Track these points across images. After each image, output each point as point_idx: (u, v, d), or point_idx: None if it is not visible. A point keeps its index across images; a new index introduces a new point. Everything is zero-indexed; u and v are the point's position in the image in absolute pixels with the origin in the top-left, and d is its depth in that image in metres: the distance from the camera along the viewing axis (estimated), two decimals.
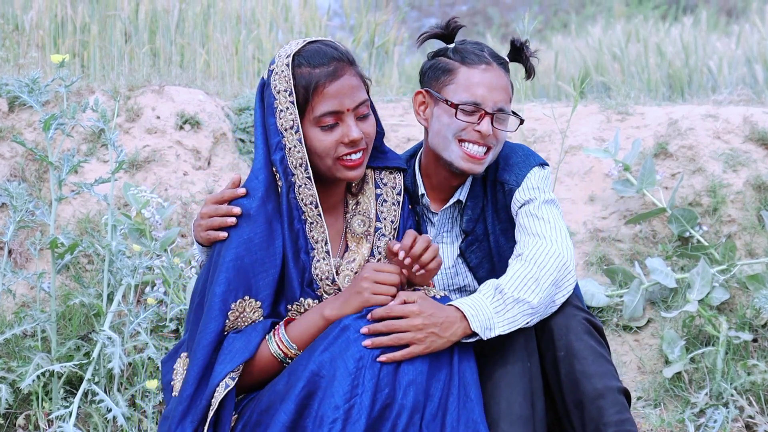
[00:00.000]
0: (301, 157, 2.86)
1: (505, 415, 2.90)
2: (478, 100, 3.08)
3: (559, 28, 15.41)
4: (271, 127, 2.89)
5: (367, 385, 2.69)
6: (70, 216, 4.70)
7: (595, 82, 8.26)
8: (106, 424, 3.87)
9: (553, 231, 3.05)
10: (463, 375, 2.82)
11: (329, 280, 2.93)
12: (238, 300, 2.84)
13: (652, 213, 4.81)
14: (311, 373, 2.72)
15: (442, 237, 3.25)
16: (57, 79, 3.89)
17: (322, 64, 2.84)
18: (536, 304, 2.92)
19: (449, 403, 2.78)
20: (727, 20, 13.54)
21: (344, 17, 8.45)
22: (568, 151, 5.23)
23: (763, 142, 5.11)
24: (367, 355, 2.71)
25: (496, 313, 2.89)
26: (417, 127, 5.45)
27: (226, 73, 6.76)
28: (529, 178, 3.15)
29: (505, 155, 3.21)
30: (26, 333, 4.06)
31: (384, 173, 3.09)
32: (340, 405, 2.67)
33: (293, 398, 2.72)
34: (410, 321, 2.81)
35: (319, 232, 2.93)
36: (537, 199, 3.12)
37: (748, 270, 4.59)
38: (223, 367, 2.80)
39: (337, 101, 2.84)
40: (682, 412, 4.18)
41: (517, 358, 2.96)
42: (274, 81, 2.87)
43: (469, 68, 3.11)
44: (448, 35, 3.20)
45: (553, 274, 2.95)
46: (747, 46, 8.36)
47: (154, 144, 5.03)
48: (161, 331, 4.12)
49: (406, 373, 2.74)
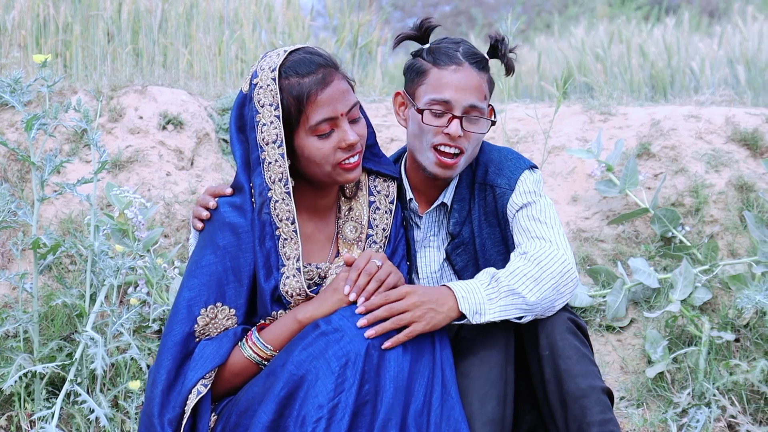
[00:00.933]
0: (282, 171, 2.84)
1: (477, 415, 2.90)
2: (446, 101, 3.06)
3: (542, 28, 15.44)
4: (252, 141, 2.87)
5: (351, 382, 2.68)
6: (52, 216, 4.68)
7: (578, 83, 8.27)
8: (88, 425, 3.86)
9: (557, 235, 3.04)
10: (444, 372, 2.82)
11: (300, 296, 2.91)
12: (208, 306, 2.84)
13: (634, 213, 4.82)
14: (290, 373, 2.71)
15: (429, 241, 3.24)
16: (39, 79, 3.87)
17: (310, 73, 2.83)
18: (532, 301, 2.91)
19: (433, 400, 2.78)
20: (710, 21, 13.59)
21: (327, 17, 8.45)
22: (551, 152, 5.24)
23: (746, 142, 5.13)
24: (351, 355, 2.70)
25: (488, 300, 2.89)
26: (400, 128, 5.45)
27: (209, 73, 6.74)
28: (523, 182, 3.14)
29: (494, 159, 3.20)
30: (8, 333, 4.04)
31: (377, 181, 3.08)
32: (324, 404, 2.66)
33: (273, 398, 2.70)
34: (407, 300, 2.82)
35: (293, 249, 2.91)
36: (536, 203, 3.11)
37: (731, 270, 4.60)
38: (195, 373, 2.80)
39: (331, 108, 2.83)
40: (664, 411, 4.19)
41: (495, 362, 2.96)
42: (258, 95, 2.85)
43: (439, 69, 3.08)
44: (421, 36, 3.19)
45: (555, 278, 2.94)
46: (729, 47, 8.39)
47: (136, 144, 5.02)
48: (144, 332, 4.11)
49: (388, 369, 2.73)
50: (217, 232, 2.87)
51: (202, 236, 2.90)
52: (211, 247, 2.86)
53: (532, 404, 3.07)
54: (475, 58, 3.11)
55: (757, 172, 5.00)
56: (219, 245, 2.85)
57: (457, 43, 3.14)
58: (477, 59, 3.11)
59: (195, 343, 2.84)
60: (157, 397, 2.79)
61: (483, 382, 2.93)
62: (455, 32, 16.52)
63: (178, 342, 2.82)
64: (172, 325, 2.84)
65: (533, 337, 3.00)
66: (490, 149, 3.23)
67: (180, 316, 2.84)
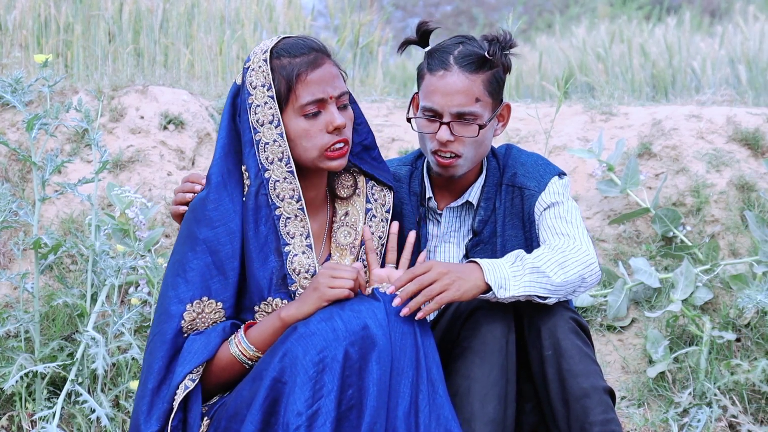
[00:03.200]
0: (282, 150, 2.84)
1: (478, 416, 2.90)
2: (434, 107, 3.06)
3: (543, 28, 15.44)
4: (244, 125, 2.87)
5: (329, 387, 2.64)
6: (53, 216, 4.68)
7: (579, 83, 8.27)
8: (89, 425, 3.86)
9: (582, 235, 3.06)
10: (430, 371, 2.78)
11: (309, 273, 2.89)
12: (194, 301, 2.83)
13: (635, 213, 4.82)
14: (272, 380, 2.68)
15: (450, 236, 3.24)
16: (40, 79, 3.88)
17: (302, 53, 2.84)
18: (557, 282, 2.92)
19: (419, 400, 2.73)
20: (711, 21, 13.59)
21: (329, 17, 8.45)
22: (552, 152, 5.24)
23: (747, 142, 5.13)
24: (327, 360, 2.66)
25: (513, 276, 2.89)
26: (402, 127, 5.45)
27: (210, 73, 6.74)
28: (553, 184, 3.17)
29: (524, 162, 3.22)
30: (9, 333, 4.04)
31: (375, 188, 3.08)
32: (302, 411, 2.63)
33: (258, 407, 2.68)
34: (434, 271, 2.82)
35: (298, 227, 2.90)
36: (563, 203, 3.14)
37: (732, 270, 4.60)
38: (182, 368, 2.78)
39: (320, 88, 2.83)
40: (665, 411, 4.19)
41: (495, 361, 2.95)
42: (250, 78, 2.86)
43: (430, 75, 3.08)
44: (420, 40, 3.19)
45: (579, 267, 2.95)
46: (730, 47, 8.38)
47: (137, 144, 5.02)
48: (145, 332, 4.11)
49: (370, 372, 2.68)
50: (194, 226, 2.86)
51: (180, 232, 2.89)
52: (190, 243, 2.85)
53: (534, 404, 3.07)
54: (467, 60, 3.08)
55: (758, 172, 5.00)
56: (198, 239, 2.85)
57: (457, 44, 3.13)
58: (469, 61, 3.08)
59: (183, 338, 2.83)
60: (147, 395, 2.79)
61: (484, 383, 2.93)
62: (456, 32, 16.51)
63: (166, 341, 2.81)
64: (160, 325, 2.83)
65: (536, 337, 3.00)
66: (519, 153, 3.25)
67: (167, 314, 2.82)
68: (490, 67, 3.10)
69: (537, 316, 3.00)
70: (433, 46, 3.16)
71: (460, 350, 2.98)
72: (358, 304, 2.75)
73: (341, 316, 2.72)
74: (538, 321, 3.00)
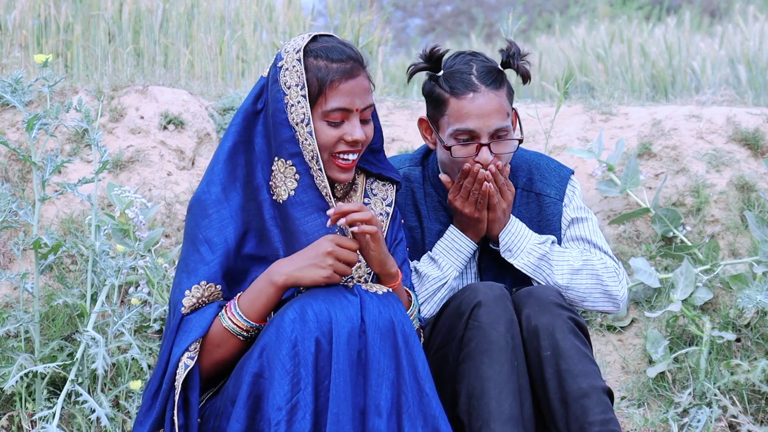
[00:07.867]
0: (313, 149, 2.84)
1: (495, 415, 2.90)
2: (471, 129, 3.08)
3: (543, 28, 15.43)
4: (283, 123, 2.85)
5: (306, 381, 2.64)
6: (53, 216, 4.68)
7: (579, 83, 8.27)
8: (89, 425, 3.86)
9: (608, 250, 3.25)
10: (416, 370, 2.75)
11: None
12: (192, 286, 2.83)
13: (635, 213, 4.82)
14: (254, 375, 2.68)
15: None
16: (40, 79, 3.88)
17: (340, 60, 2.84)
18: (558, 283, 3.10)
19: (402, 402, 2.71)
20: (711, 21, 13.58)
21: (328, 17, 8.45)
22: (552, 152, 5.24)
23: (747, 142, 5.13)
24: (302, 352, 2.65)
25: (525, 251, 3.11)
26: (401, 128, 5.46)
27: (210, 73, 6.74)
28: (572, 191, 3.26)
29: (537, 164, 3.24)
30: (9, 333, 4.04)
31: (375, 184, 3.07)
32: (282, 406, 2.63)
33: (242, 404, 2.68)
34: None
35: None
36: (589, 219, 3.26)
37: (732, 270, 4.60)
38: (179, 348, 2.77)
39: (349, 99, 2.83)
40: (665, 411, 4.19)
41: (505, 358, 2.95)
42: (284, 77, 2.85)
43: (458, 99, 3.09)
44: (432, 66, 3.18)
45: (591, 282, 3.16)
46: (730, 47, 8.38)
47: (137, 144, 5.02)
48: (145, 332, 4.11)
49: (336, 362, 2.67)
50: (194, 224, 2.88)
51: (184, 233, 2.90)
52: (191, 240, 2.87)
53: (534, 404, 3.07)
54: (490, 77, 3.11)
55: (758, 172, 5.00)
56: (199, 237, 2.86)
57: (469, 62, 3.14)
58: (492, 78, 3.11)
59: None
60: (156, 378, 2.80)
61: (497, 381, 2.93)
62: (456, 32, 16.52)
63: (172, 330, 2.82)
64: (169, 320, 2.85)
65: (535, 337, 3.00)
66: (526, 154, 3.26)
67: (174, 307, 2.83)
68: (504, 78, 3.14)
69: (535, 316, 3.00)
70: (445, 69, 3.15)
71: (468, 351, 2.97)
72: (332, 296, 2.74)
73: (313, 306, 2.70)
74: (536, 321, 3.00)
